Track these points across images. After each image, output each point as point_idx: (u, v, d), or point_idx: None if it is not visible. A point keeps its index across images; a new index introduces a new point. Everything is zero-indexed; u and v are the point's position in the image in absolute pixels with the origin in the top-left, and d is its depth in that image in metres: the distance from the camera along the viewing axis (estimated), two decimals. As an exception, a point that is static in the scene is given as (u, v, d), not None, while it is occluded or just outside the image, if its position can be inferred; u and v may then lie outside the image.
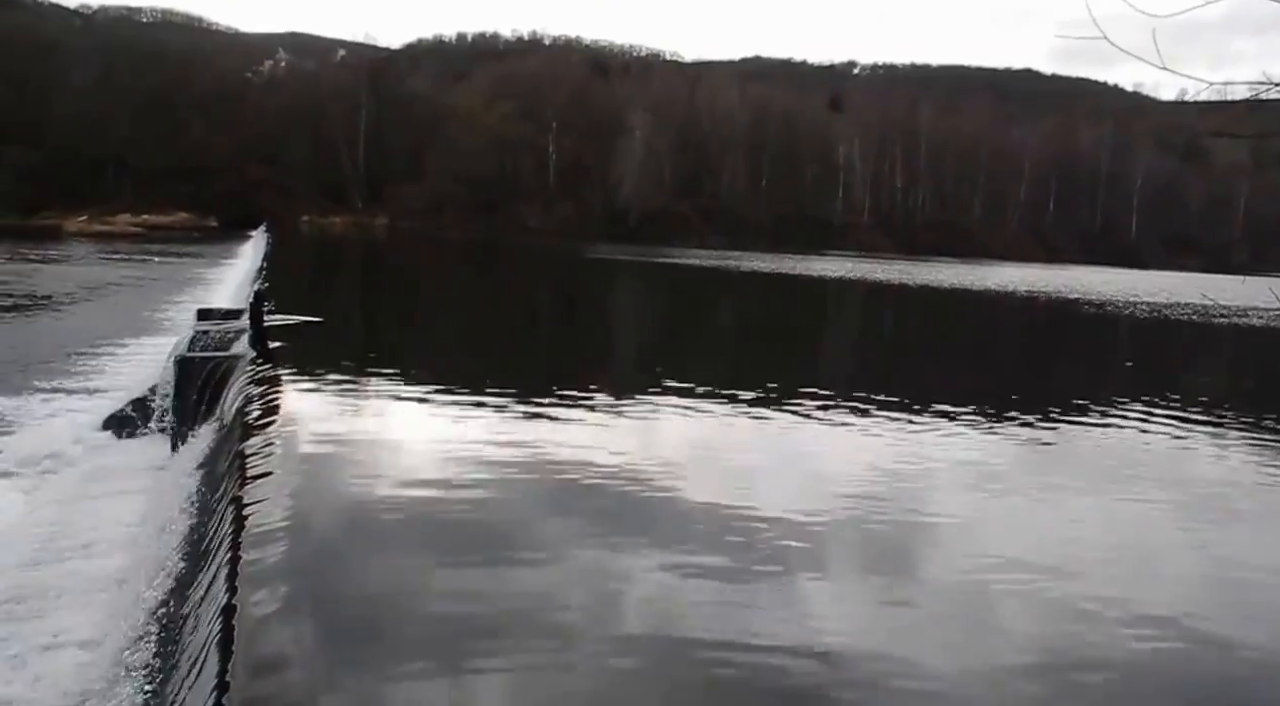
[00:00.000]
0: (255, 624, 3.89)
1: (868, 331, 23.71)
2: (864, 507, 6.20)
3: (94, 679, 5.28)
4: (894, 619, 4.52)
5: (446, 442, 7.28)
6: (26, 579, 7.28)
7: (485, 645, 3.87)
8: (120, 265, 40.87)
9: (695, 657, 3.93)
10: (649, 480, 6.53)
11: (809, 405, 9.73)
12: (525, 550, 5.00)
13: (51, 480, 10.36)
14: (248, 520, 5.06)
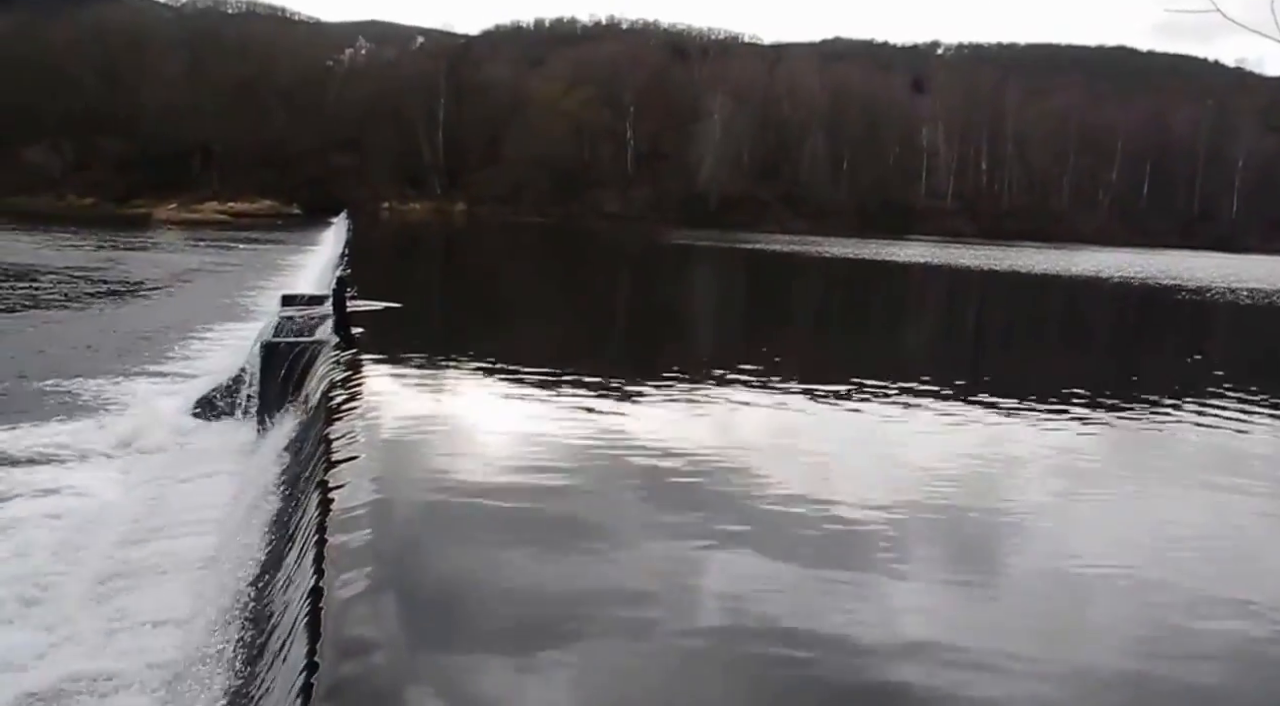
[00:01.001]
0: (341, 606, 3.93)
1: (952, 318, 23.30)
2: (948, 498, 6.06)
3: (185, 655, 5.40)
4: (979, 613, 4.40)
5: (523, 428, 7.29)
6: (121, 557, 7.49)
7: (560, 632, 3.86)
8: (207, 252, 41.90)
9: (772, 649, 3.86)
10: (726, 467, 6.47)
11: (891, 393, 9.57)
12: (601, 537, 4.98)
13: (144, 462, 10.64)
14: (333, 504, 5.12)
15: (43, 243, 40.45)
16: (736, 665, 3.73)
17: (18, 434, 11.42)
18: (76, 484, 9.81)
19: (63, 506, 9.11)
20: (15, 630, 6.43)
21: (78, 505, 9.14)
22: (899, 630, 4.07)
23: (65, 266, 31.19)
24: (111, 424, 12.24)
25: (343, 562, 4.31)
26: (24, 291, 25.05)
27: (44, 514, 8.88)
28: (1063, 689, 3.73)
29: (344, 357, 9.28)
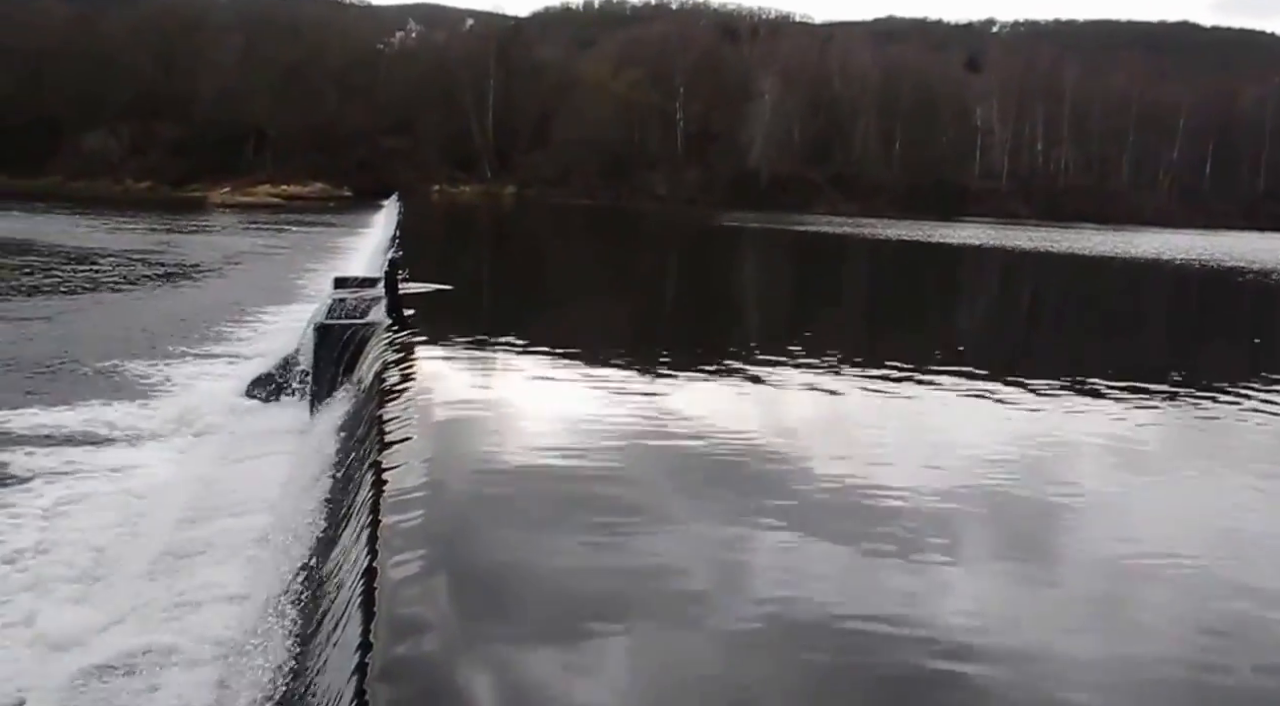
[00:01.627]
0: (395, 586, 3.95)
1: (1006, 301, 23.00)
2: (1001, 485, 5.94)
3: (243, 631, 5.48)
4: (1031, 603, 4.30)
5: (572, 409, 7.30)
6: (179, 535, 7.63)
7: (609, 614, 3.85)
8: (260, 234, 42.46)
9: (819, 634, 3.82)
10: (775, 451, 6.43)
11: (944, 377, 9.43)
12: (650, 520, 4.96)
13: (200, 442, 10.83)
14: (386, 485, 5.16)
15: (102, 226, 41.23)
16: (785, 649, 3.70)
17: (77, 414, 11.67)
18: (134, 463, 10.01)
19: (121, 485, 9.30)
20: (80, 605, 6.59)
21: (135, 484, 9.33)
22: (950, 617, 3.99)
23: (123, 249, 31.76)
24: (167, 405, 12.47)
25: (396, 543, 4.34)
26: (84, 274, 25.54)
27: (103, 492, 9.07)
28: (1118, 682, 3.63)
29: (396, 339, 9.34)
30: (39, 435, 10.82)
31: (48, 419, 11.41)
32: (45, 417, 11.44)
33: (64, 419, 11.44)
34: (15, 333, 17.06)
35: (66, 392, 12.65)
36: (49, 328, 17.81)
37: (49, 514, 8.43)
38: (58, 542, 7.76)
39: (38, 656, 5.84)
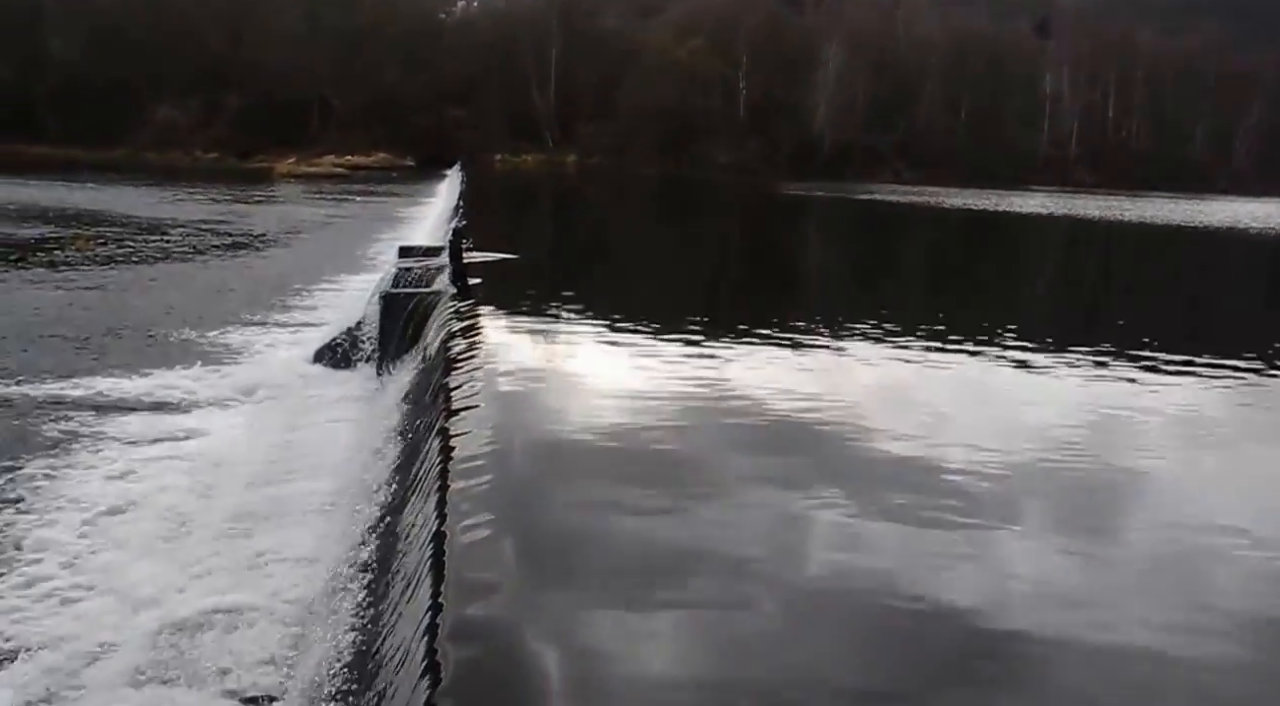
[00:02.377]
0: (463, 549, 4.03)
1: (1071, 270, 22.60)
2: (1062, 457, 5.86)
3: (316, 591, 5.64)
4: (1091, 576, 4.26)
5: (634, 377, 7.35)
6: (252, 498, 7.83)
7: (667, 581, 3.89)
8: (325, 204, 42.97)
9: (876, 604, 3.82)
10: (834, 421, 6.41)
11: (1005, 348, 9.34)
12: (708, 488, 4.99)
13: (269, 408, 11.07)
14: (453, 451, 5.24)
15: (171, 197, 42.01)
16: (842, 618, 3.71)
17: (150, 380, 11.97)
18: (205, 428, 10.27)
19: (194, 449, 9.55)
20: (158, 564, 6.81)
21: (207, 448, 9.57)
22: (1009, 591, 3.96)
23: (192, 220, 32.36)
24: (237, 371, 12.75)
25: (464, 508, 4.42)
26: (155, 244, 26.08)
27: (177, 456, 9.33)
28: (1180, 658, 3.58)
29: (461, 308, 9.45)
30: (114, 401, 11.13)
31: (123, 385, 11.73)
32: (120, 384, 11.76)
33: (138, 385, 11.75)
34: (91, 302, 17.52)
35: (140, 360, 12.98)
36: (123, 297, 18.25)
37: (126, 477, 8.69)
38: (135, 504, 8.01)
39: (121, 613, 6.06)
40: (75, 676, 5.34)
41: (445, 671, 3.13)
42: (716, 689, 3.21)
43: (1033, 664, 3.47)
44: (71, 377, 11.94)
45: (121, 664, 5.42)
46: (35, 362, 12.60)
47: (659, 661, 3.35)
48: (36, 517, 7.68)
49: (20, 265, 21.21)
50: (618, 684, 3.15)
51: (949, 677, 3.38)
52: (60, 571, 6.73)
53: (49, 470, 8.75)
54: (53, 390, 11.46)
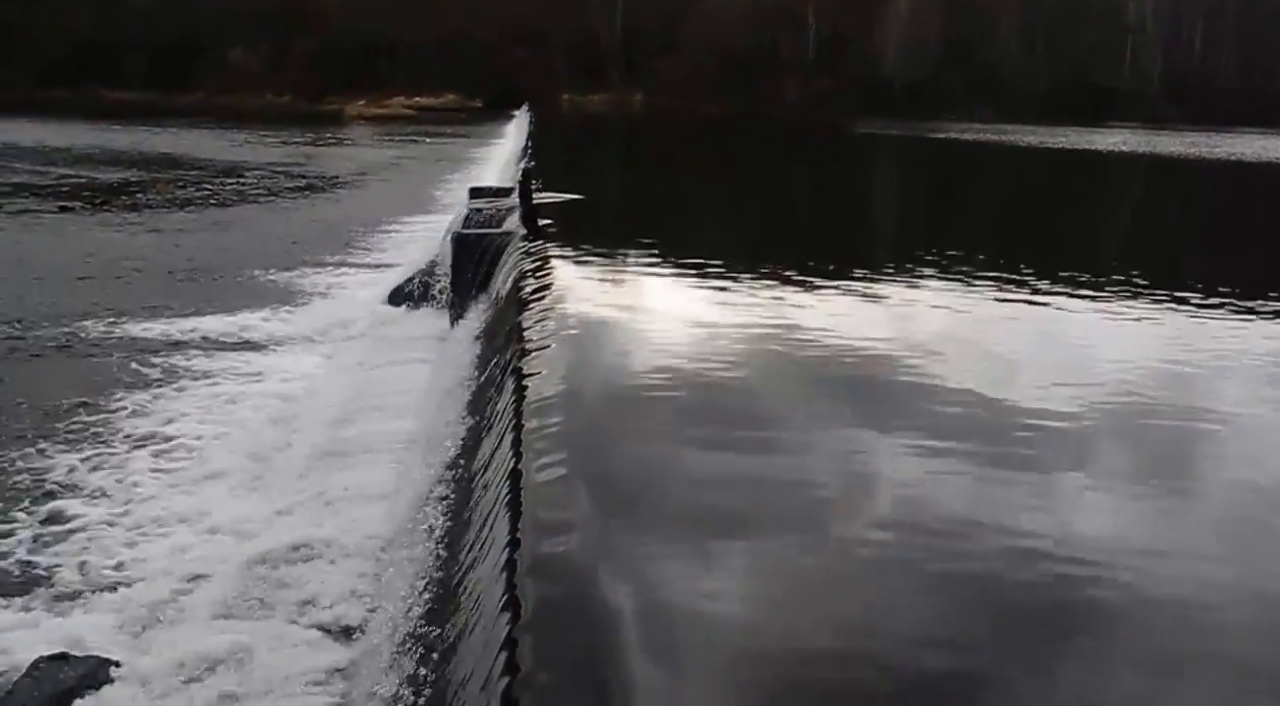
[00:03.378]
0: (539, 487, 4.09)
1: (1154, 210, 21.98)
2: (1139, 403, 5.69)
3: (394, 528, 5.79)
4: (1164, 525, 4.15)
5: (702, 317, 7.33)
6: (331, 436, 8.03)
7: (737, 522, 3.88)
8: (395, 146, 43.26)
9: (943, 548, 3.75)
10: (903, 363, 6.29)
11: (1082, 289, 9.11)
12: (775, 429, 4.96)
13: (346, 348, 11.30)
14: (527, 390, 5.30)
15: (246, 140, 42.59)
16: (909, 564, 3.66)
17: (231, 320, 12.28)
18: (285, 367, 10.53)
19: (275, 388, 9.81)
20: (243, 500, 7.04)
21: (288, 387, 9.82)
22: (1079, 539, 3.86)
23: (266, 162, 32.82)
24: (314, 312, 13.01)
25: (539, 446, 4.47)
26: (232, 187, 26.54)
27: (259, 395, 9.59)
28: (1253, 611, 3.48)
29: (532, 249, 9.50)
30: (198, 341, 11.44)
31: (205, 325, 12.04)
32: (203, 324, 12.08)
33: (220, 325, 12.06)
34: (172, 244, 17.93)
35: (221, 301, 13.30)
36: (202, 239, 18.65)
37: (211, 414, 8.96)
38: (220, 441, 8.27)
39: (210, 546, 6.30)
40: (168, 606, 5.57)
41: (525, 606, 3.19)
42: (783, 632, 3.20)
43: (1104, 612, 3.40)
44: (156, 318, 12.29)
45: (211, 595, 5.63)
46: (119, 303, 12.98)
47: (727, 602, 3.35)
48: (124, 454, 7.96)
49: (104, 208, 21.73)
50: (687, 623, 3.17)
51: (1019, 625, 3.33)
52: (150, 505, 7.00)
53: (135, 408, 9.05)
54: (137, 330, 11.82)
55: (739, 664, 2.97)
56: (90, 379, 9.87)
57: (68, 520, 6.75)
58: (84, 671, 4.71)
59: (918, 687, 2.93)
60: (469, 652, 3.39)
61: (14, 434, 8.28)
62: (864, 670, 2.99)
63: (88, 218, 20.61)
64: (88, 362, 10.53)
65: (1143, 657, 3.17)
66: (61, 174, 27.44)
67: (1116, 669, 3.07)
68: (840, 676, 2.96)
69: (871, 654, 3.08)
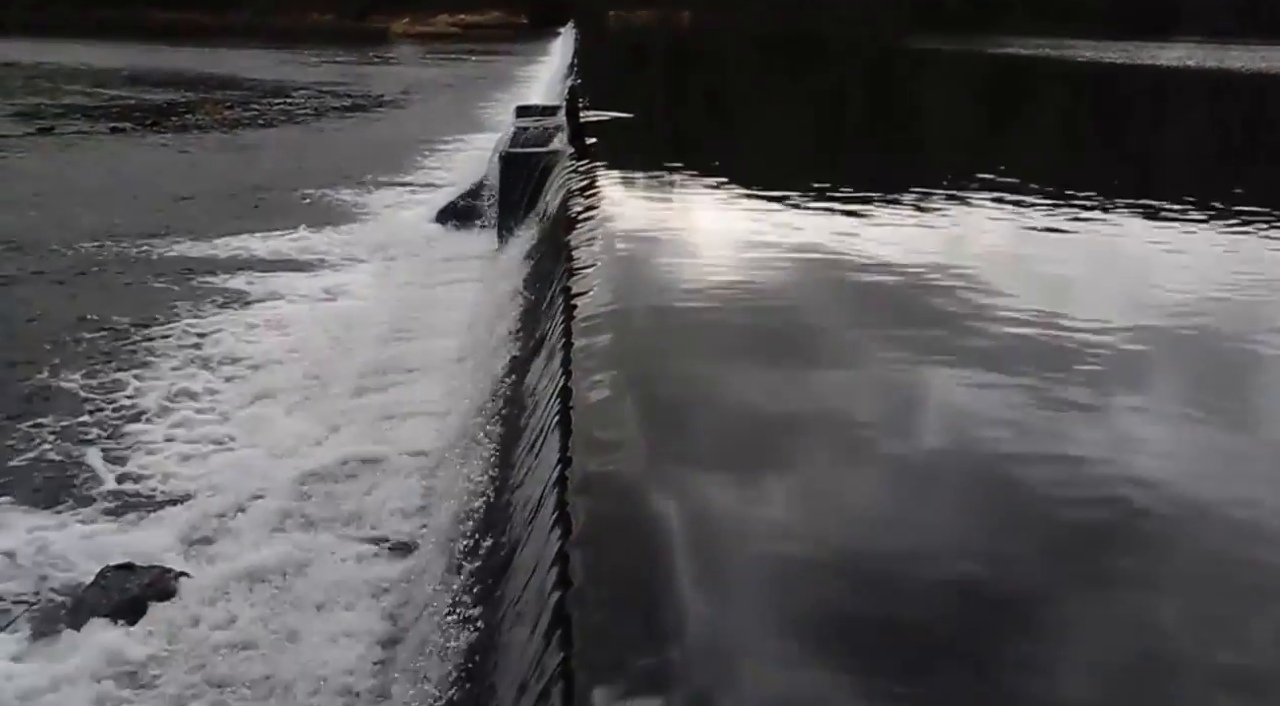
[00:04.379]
0: (588, 407, 4.10)
1: (1216, 128, 21.33)
2: (1199, 326, 5.55)
3: (444, 445, 5.87)
4: (1226, 454, 4.02)
5: (751, 238, 7.25)
6: (383, 354, 8.12)
7: (779, 446, 3.84)
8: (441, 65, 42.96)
9: (993, 476, 3.68)
10: (955, 285, 6.12)
11: (1144, 211, 8.89)
12: (822, 352, 4.90)
13: (395, 267, 11.36)
14: (576, 309, 5.30)
15: (292, 59, 42.49)
16: (956, 491, 3.59)
17: (282, 240, 12.38)
18: (335, 286, 10.62)
19: (325, 307, 9.90)
20: (297, 417, 7.15)
21: (338, 306, 9.91)
22: (1133, 466, 3.76)
23: (312, 82, 32.77)
24: (363, 231, 13.08)
25: (588, 365, 4.48)
26: (279, 107, 26.55)
27: (308, 313, 9.69)
28: None
29: (579, 167, 9.43)
30: (248, 260, 11.56)
31: (256, 245, 12.15)
32: (254, 244, 12.19)
33: (270, 245, 12.16)
34: (222, 165, 18.04)
35: (271, 220, 13.39)
36: (251, 158, 18.74)
37: (263, 332, 9.08)
38: (273, 359, 8.39)
39: (266, 462, 6.42)
40: (227, 520, 5.70)
41: (575, 523, 3.22)
42: (830, 551, 3.17)
43: (1157, 536, 3.35)
44: (208, 238, 12.41)
45: (268, 510, 5.75)
46: (172, 223, 13.12)
47: (775, 521, 3.34)
48: (179, 372, 8.11)
49: (155, 129, 21.87)
50: (735, 541, 3.18)
51: (1070, 554, 3.25)
52: (208, 422, 7.14)
53: (188, 327, 9.19)
54: (190, 250, 11.96)
55: (786, 581, 2.98)
56: (144, 298, 10.03)
57: (128, 437, 6.91)
58: (148, 580, 4.86)
59: (965, 607, 2.92)
60: (521, 567, 3.43)
61: (74, 353, 8.46)
62: (911, 588, 2.98)
63: (139, 139, 20.76)
64: (141, 283, 10.69)
65: (1195, 582, 3.12)
66: (112, 95, 27.60)
67: (1168, 592, 3.04)
68: (887, 594, 2.95)
69: (919, 573, 3.06)
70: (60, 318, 9.33)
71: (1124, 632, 2.84)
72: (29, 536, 5.48)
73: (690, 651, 2.52)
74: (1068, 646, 2.73)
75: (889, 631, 2.78)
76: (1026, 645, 2.74)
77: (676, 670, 2.45)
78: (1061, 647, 2.73)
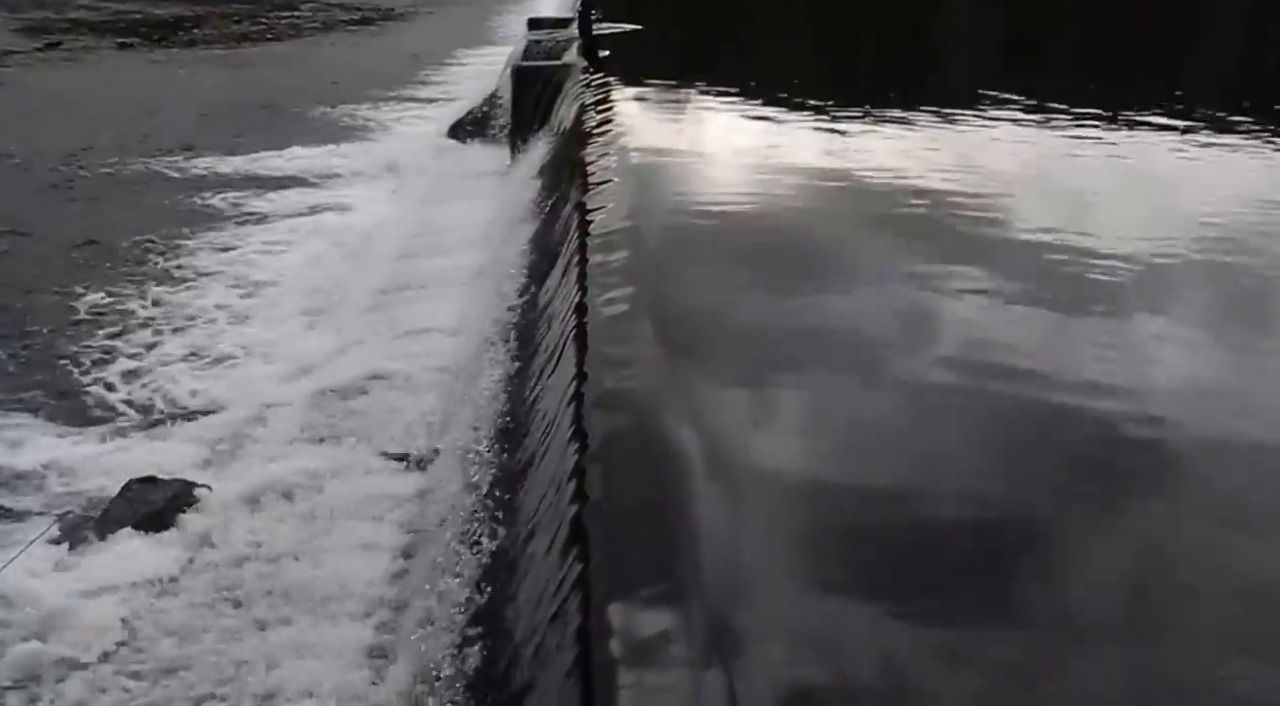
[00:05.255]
0: (603, 323, 4.10)
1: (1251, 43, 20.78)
2: (1222, 245, 5.42)
3: (463, 359, 5.89)
4: (1241, 374, 3.98)
5: (764, 155, 7.17)
6: (398, 269, 8.11)
7: (792, 362, 3.85)
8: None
9: (1008, 393, 3.65)
10: (973, 201, 6.04)
11: (1169, 126, 8.63)
12: (836, 268, 4.85)
13: (409, 182, 11.29)
14: (591, 225, 5.27)
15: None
16: (971, 412, 3.56)
17: (294, 155, 12.31)
18: (350, 202, 10.57)
19: (337, 223, 9.87)
20: (313, 334, 7.19)
21: (352, 222, 9.88)
22: (1150, 386, 3.74)
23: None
24: (375, 147, 12.98)
25: (603, 281, 4.46)
26: (286, 20, 26.15)
27: (322, 229, 9.66)
28: None
29: (592, 81, 9.29)
30: (261, 176, 11.50)
31: (269, 160, 12.07)
32: (266, 159, 12.12)
33: (283, 161, 12.09)
34: (231, 80, 17.82)
35: (283, 136, 13.27)
36: (259, 73, 18.52)
37: (279, 248, 9.08)
38: (289, 275, 8.39)
39: (284, 377, 6.47)
40: (249, 433, 5.77)
41: (592, 437, 3.24)
42: (840, 469, 3.19)
43: (1172, 460, 3.32)
44: (220, 153, 12.34)
45: (286, 425, 5.81)
46: (186, 139, 13.03)
47: (786, 439, 3.35)
48: (198, 288, 8.14)
49: (161, 45, 21.61)
50: (747, 461, 3.18)
51: (1082, 475, 3.23)
52: (227, 338, 7.18)
53: (203, 244, 9.19)
54: (203, 165, 11.90)
55: (796, 497, 3.00)
56: (156, 216, 10.01)
57: (149, 354, 6.97)
58: (172, 493, 4.94)
59: (978, 526, 2.93)
60: (538, 481, 3.47)
61: (91, 270, 8.48)
62: (921, 507, 2.99)
63: (146, 54, 20.52)
64: (153, 200, 10.66)
65: (1208, 507, 3.10)
66: (118, 9, 27.19)
67: (1181, 516, 3.03)
68: (897, 513, 2.96)
69: (929, 492, 3.07)
70: (70, 236, 9.33)
71: (1136, 552, 2.86)
72: (55, 452, 5.58)
73: (705, 566, 2.56)
74: (1080, 565, 2.75)
75: (901, 549, 2.80)
76: (1039, 563, 2.76)
77: (691, 583, 2.49)
78: (1074, 566, 2.75)
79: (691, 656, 2.27)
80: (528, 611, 2.81)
